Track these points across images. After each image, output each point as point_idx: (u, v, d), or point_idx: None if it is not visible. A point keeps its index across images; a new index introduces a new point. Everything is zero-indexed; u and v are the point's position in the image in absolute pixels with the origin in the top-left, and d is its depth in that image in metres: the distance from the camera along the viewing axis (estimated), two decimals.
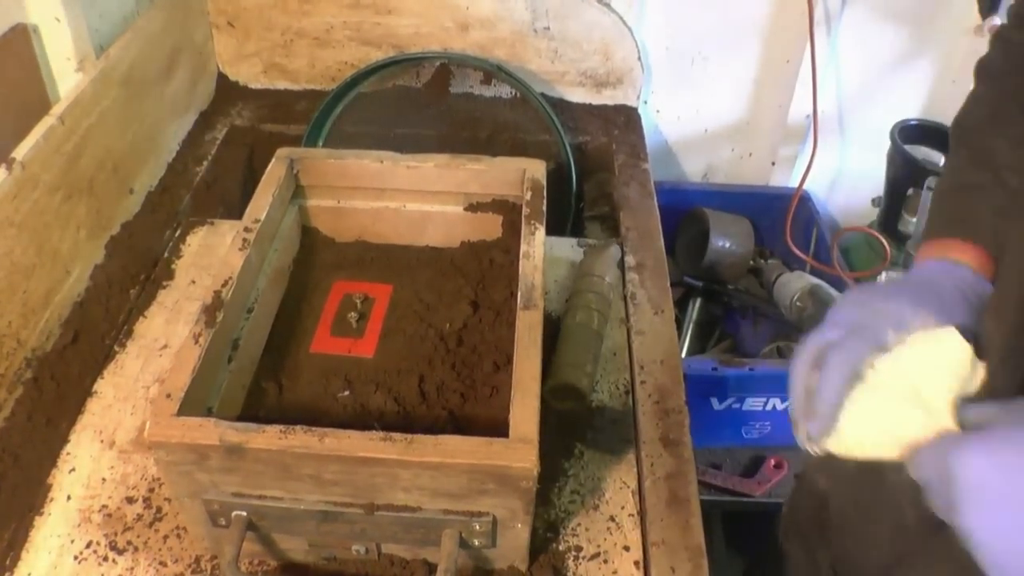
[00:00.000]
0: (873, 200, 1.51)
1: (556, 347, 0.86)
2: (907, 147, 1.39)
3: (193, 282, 0.97)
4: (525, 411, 0.62)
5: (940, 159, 1.40)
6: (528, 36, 1.26)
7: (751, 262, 1.51)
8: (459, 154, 0.88)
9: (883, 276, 1.37)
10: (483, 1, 1.23)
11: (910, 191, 1.40)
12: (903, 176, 1.40)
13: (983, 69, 0.71)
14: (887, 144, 1.41)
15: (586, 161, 1.26)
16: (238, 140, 1.23)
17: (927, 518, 0.55)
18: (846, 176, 1.58)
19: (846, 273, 1.38)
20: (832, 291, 1.34)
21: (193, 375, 0.64)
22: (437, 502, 0.63)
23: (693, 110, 1.48)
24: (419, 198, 0.89)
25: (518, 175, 0.86)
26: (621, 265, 1.00)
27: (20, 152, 0.81)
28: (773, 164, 1.54)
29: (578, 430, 0.82)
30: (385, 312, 0.81)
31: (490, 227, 0.89)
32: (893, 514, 0.69)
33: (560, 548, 0.73)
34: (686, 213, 1.54)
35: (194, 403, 0.63)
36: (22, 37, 0.94)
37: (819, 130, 1.43)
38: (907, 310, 0.59)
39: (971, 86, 0.71)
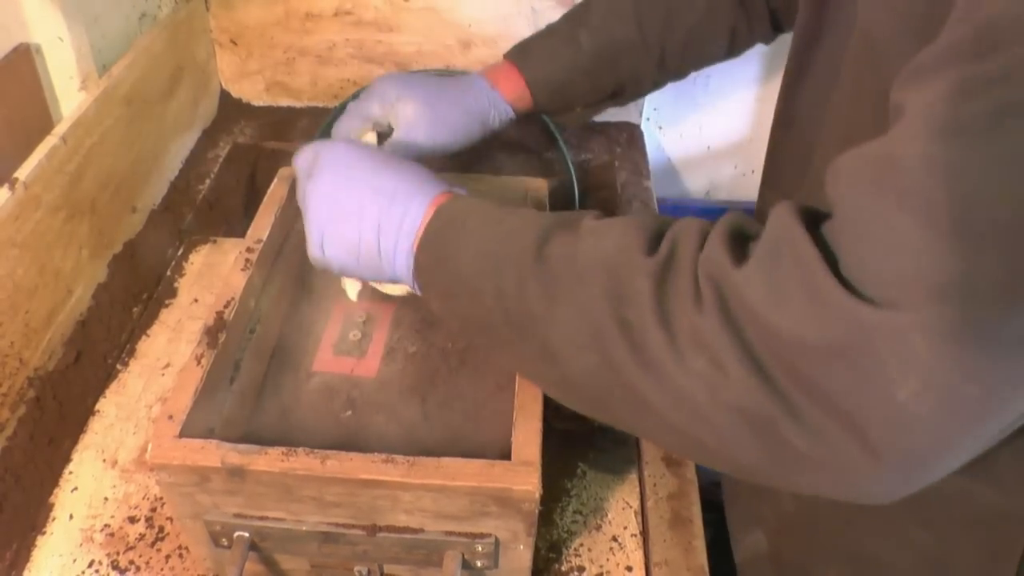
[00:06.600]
0: None
1: None
2: None
3: (196, 300, 0.97)
4: (527, 433, 0.62)
5: None
6: None
7: None
8: (462, 172, 0.88)
9: None
10: (486, 19, 1.23)
11: None
12: None
13: None
14: None
15: (589, 179, 1.25)
16: (241, 157, 1.23)
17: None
18: None
19: None
20: None
21: (195, 397, 0.64)
22: (439, 524, 0.63)
23: (696, 127, 1.48)
24: None
25: (521, 194, 0.86)
26: None
27: (23, 172, 0.82)
28: None
29: (580, 450, 0.82)
30: (387, 331, 0.81)
31: None
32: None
33: (563, 568, 0.73)
34: None
35: (196, 424, 0.63)
36: (25, 56, 0.95)
37: None
38: (392, 91, 0.82)
39: None
